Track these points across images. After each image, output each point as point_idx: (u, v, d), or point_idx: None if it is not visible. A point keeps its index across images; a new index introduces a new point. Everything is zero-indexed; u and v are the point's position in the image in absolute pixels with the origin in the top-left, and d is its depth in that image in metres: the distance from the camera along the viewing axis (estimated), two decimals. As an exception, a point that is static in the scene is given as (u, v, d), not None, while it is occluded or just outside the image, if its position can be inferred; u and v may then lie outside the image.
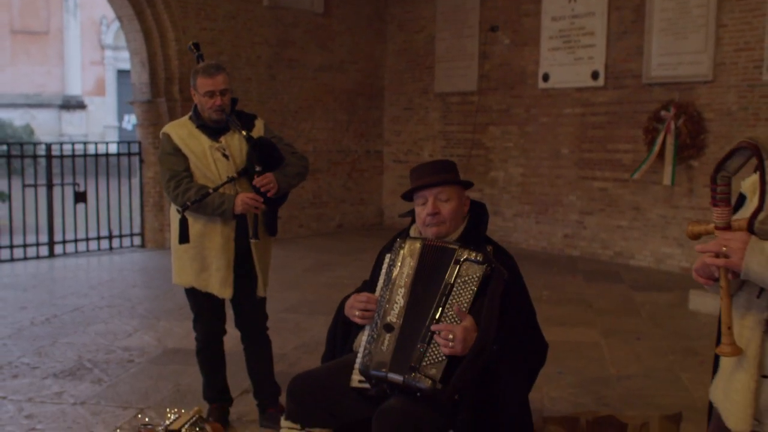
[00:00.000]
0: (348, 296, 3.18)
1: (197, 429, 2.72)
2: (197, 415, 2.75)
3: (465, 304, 2.87)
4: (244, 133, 3.98)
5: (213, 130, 4.05)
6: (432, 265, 2.97)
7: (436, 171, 3.11)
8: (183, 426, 2.65)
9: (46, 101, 27.05)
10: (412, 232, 3.23)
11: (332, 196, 12.19)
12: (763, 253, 1.95)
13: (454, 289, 2.89)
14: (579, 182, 10.09)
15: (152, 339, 6.04)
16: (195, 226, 4.02)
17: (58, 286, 8.08)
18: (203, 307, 4.17)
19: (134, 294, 7.69)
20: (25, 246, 9.52)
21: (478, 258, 2.92)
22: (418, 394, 2.82)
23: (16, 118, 25.41)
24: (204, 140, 4.03)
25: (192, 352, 4.51)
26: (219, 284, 4.07)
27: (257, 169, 3.97)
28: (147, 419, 2.90)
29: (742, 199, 2.26)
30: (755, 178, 2.14)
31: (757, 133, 2.06)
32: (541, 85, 10.38)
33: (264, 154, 3.99)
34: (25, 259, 9.44)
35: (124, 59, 27.27)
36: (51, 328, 6.32)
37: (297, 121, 11.59)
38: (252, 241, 4.04)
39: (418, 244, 3.04)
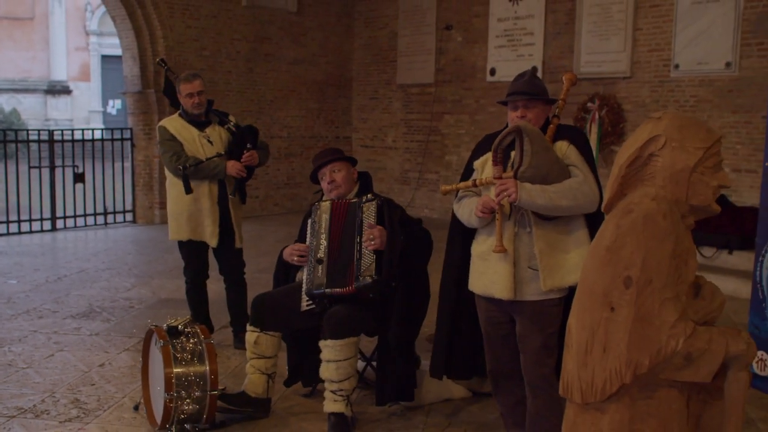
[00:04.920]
0: (285, 247, 4.57)
1: (189, 327, 4.00)
2: (189, 319, 4.03)
3: (372, 222, 4.23)
4: (232, 125, 5.35)
5: (198, 123, 5.39)
6: (341, 216, 4.31)
7: (327, 155, 4.47)
8: (179, 324, 3.92)
9: (32, 86, 27.37)
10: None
11: (305, 177, 13.37)
12: (525, 189, 3.34)
13: (363, 221, 4.23)
14: (521, 165, 11.40)
15: (148, 292, 7.34)
16: (189, 195, 5.32)
17: (62, 254, 9.35)
18: (192, 256, 5.51)
19: (129, 259, 8.97)
20: (30, 221, 10.73)
21: (370, 198, 4.30)
22: (371, 295, 4.11)
23: (3, 102, 26.13)
24: (193, 131, 5.36)
25: (181, 301, 5.83)
26: (209, 235, 5.41)
27: (248, 146, 5.34)
28: (154, 324, 4.18)
29: (472, 170, 3.73)
30: (482, 159, 3.58)
31: (519, 123, 3.43)
32: (489, 78, 11.71)
33: (252, 137, 5.38)
34: (31, 232, 10.65)
35: (108, 45, 27.38)
36: (63, 284, 7.60)
37: (273, 110, 12.86)
38: (230, 197, 5.39)
39: (328, 203, 4.37)
